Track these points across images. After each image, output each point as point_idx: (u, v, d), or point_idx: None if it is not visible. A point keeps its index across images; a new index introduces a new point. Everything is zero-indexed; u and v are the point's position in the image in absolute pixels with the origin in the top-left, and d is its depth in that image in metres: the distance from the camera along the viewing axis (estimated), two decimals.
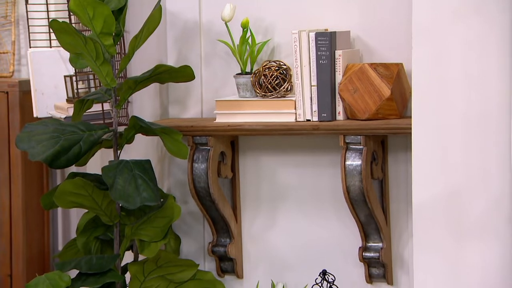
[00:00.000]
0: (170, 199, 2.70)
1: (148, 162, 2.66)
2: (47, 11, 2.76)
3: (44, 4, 2.87)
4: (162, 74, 2.66)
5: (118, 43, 2.72)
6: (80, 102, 2.69)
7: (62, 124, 2.65)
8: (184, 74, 2.67)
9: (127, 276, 2.78)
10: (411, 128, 2.47)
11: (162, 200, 2.69)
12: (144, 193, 2.56)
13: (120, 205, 2.65)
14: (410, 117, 2.49)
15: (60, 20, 2.56)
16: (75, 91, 2.80)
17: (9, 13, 3.02)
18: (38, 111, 2.84)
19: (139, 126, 2.66)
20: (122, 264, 2.77)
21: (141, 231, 2.67)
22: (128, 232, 2.67)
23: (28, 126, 2.63)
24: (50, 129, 2.59)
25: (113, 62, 2.67)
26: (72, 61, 2.71)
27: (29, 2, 2.87)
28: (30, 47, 2.89)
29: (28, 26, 2.88)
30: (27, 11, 2.87)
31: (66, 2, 2.74)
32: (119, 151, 2.69)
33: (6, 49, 3.03)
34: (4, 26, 3.04)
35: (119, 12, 2.66)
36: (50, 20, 2.63)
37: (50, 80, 2.85)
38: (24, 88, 2.91)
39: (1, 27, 3.04)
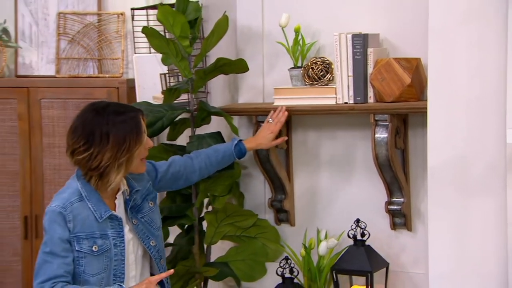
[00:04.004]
0: (235, 164, 2.73)
1: (218, 133, 2.73)
2: (148, 26, 2.75)
3: (145, 20, 2.91)
4: (223, 66, 2.68)
5: (195, 44, 2.75)
6: (168, 90, 2.76)
7: (151, 105, 2.72)
8: (240, 66, 2.68)
9: (204, 224, 2.83)
10: (427, 108, 2.49)
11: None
12: None
13: None
14: (426, 100, 2.51)
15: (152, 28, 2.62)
16: (168, 85, 2.85)
17: (119, 29, 3.06)
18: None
19: (204, 110, 2.74)
20: (201, 215, 2.81)
21: (212, 187, 2.74)
22: (203, 188, 2.73)
23: None
24: (142, 108, 2.64)
25: (190, 59, 2.71)
26: (163, 60, 2.78)
27: (135, 19, 2.92)
28: (135, 53, 2.92)
29: (134, 38, 2.92)
30: (133, 26, 2.91)
31: None
32: (195, 129, 2.75)
33: (118, 56, 3.05)
34: (116, 38, 3.07)
35: (195, 21, 2.71)
36: (143, 27, 2.69)
37: (149, 78, 2.89)
38: (131, 85, 2.93)
39: (114, 40, 3.07)
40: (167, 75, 2.88)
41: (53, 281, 2.00)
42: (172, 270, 2.09)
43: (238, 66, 2.68)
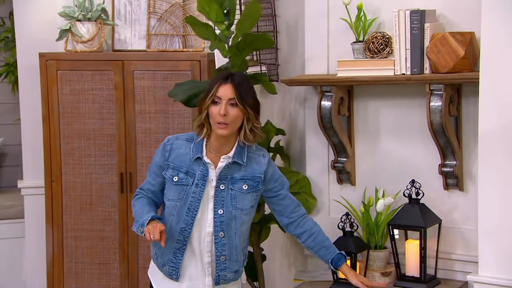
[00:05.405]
0: (269, 125, 2.77)
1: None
2: (188, 16, 2.63)
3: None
4: (253, 42, 2.60)
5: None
6: (217, 70, 2.73)
7: (196, 81, 2.74)
8: (264, 40, 2.60)
9: None
10: (479, 79, 2.48)
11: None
12: None
13: None
14: (479, 71, 2.50)
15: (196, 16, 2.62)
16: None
17: None
18: None
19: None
20: None
21: None
22: None
23: (176, 84, 2.73)
24: (190, 84, 2.70)
25: (228, 40, 2.66)
26: (210, 47, 2.73)
27: None
28: None
29: None
30: None
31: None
32: None
33: None
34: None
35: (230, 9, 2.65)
36: (186, 16, 2.70)
37: None
38: (211, 58, 2.89)
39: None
40: None
41: (139, 191, 2.34)
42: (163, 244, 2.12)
43: (263, 41, 2.62)
